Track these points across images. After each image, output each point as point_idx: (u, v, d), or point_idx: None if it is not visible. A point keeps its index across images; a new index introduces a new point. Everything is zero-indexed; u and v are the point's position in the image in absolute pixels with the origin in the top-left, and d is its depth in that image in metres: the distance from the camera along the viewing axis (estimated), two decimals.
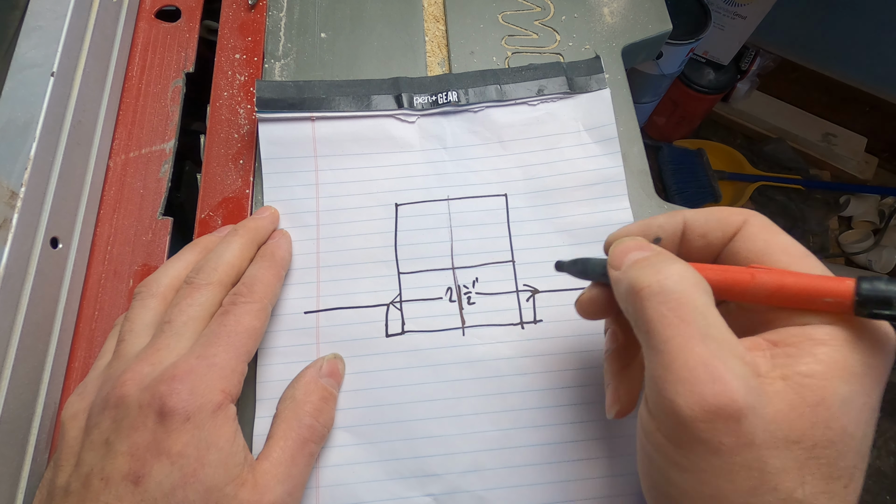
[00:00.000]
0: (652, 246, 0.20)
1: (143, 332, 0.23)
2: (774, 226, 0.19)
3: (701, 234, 0.20)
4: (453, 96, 0.31)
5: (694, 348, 0.16)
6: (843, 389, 0.15)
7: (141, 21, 0.35)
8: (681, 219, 0.20)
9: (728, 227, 0.19)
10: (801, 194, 1.12)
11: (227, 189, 0.30)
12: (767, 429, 0.15)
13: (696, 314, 0.16)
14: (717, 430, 0.15)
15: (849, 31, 0.96)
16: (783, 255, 0.18)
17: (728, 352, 0.16)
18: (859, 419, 0.16)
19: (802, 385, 0.15)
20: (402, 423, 0.26)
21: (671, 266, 0.18)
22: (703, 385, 0.15)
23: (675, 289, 0.17)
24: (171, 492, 0.19)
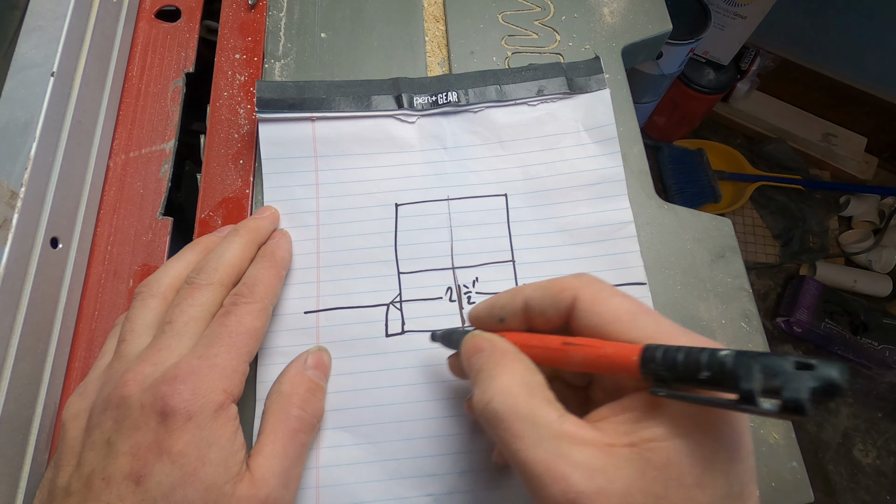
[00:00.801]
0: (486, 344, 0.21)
1: (144, 332, 0.23)
2: (605, 291, 0.20)
3: (539, 312, 0.21)
4: (453, 96, 0.31)
5: (535, 456, 0.17)
6: (685, 445, 0.16)
7: (141, 21, 0.35)
8: (521, 298, 0.21)
9: (561, 304, 0.20)
10: (801, 194, 1.12)
11: (227, 189, 0.30)
12: (625, 501, 0.16)
13: (525, 426, 0.17)
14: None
15: (849, 31, 0.96)
16: (616, 324, 0.18)
17: (565, 444, 0.17)
18: (715, 468, 0.16)
19: (648, 449, 0.16)
20: (402, 423, 0.26)
21: (496, 382, 0.19)
22: (548, 488, 0.16)
23: (501, 408, 0.18)
24: (172, 491, 0.19)
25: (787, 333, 1.04)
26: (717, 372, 0.14)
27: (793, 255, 1.09)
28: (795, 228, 1.10)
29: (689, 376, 0.15)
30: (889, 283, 1.05)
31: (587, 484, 0.16)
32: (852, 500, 0.93)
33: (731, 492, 0.16)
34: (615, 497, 0.16)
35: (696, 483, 0.16)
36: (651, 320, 0.18)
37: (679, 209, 0.31)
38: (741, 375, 0.14)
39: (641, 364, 0.16)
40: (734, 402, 0.14)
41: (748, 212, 1.14)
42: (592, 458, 0.16)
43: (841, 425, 0.98)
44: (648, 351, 0.16)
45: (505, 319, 0.22)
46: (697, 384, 0.15)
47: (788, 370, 0.13)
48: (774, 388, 0.13)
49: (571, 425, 0.17)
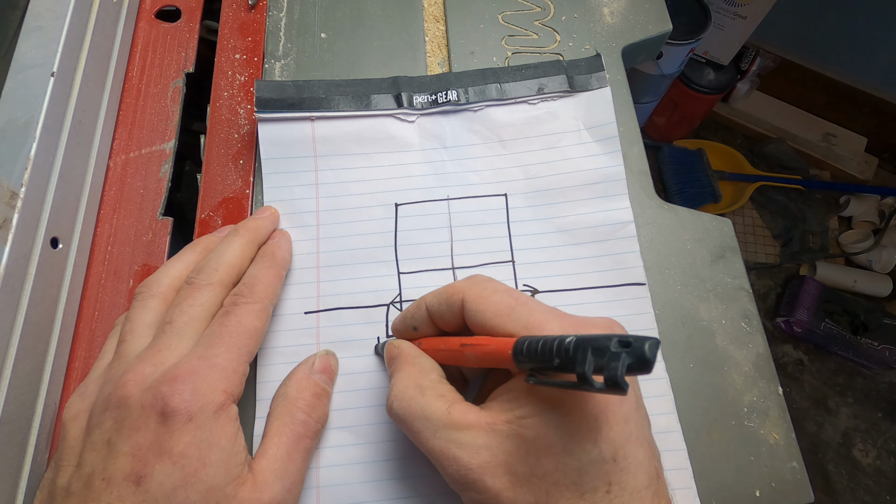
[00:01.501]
0: (395, 351, 0.24)
1: (145, 332, 0.23)
2: (487, 289, 0.22)
3: (439, 316, 0.23)
4: (453, 95, 0.31)
5: (432, 446, 0.20)
6: (551, 418, 0.18)
7: (141, 21, 0.35)
8: (424, 307, 0.24)
9: (453, 306, 0.22)
10: (801, 194, 1.12)
11: (227, 189, 0.30)
12: (508, 472, 0.18)
13: (420, 422, 0.20)
14: (473, 493, 0.19)
15: (849, 31, 0.96)
16: (497, 319, 0.21)
17: (453, 432, 0.19)
18: (580, 435, 0.18)
19: (521, 425, 0.18)
20: None
21: (394, 387, 0.22)
22: (447, 468, 0.19)
23: (399, 411, 0.21)
24: (173, 492, 0.19)
25: (787, 333, 1.04)
26: (564, 358, 0.16)
27: (793, 255, 1.09)
28: (795, 228, 1.10)
29: (545, 364, 0.17)
30: (889, 283, 1.05)
31: (474, 460, 0.19)
32: (852, 500, 0.93)
33: (602, 456, 0.18)
34: (499, 468, 0.18)
35: (564, 450, 0.18)
36: (525, 311, 0.20)
37: (679, 209, 0.31)
38: (577, 359, 0.15)
39: (514, 357, 0.18)
40: (576, 382, 0.16)
41: (748, 212, 1.14)
42: (476, 438, 0.19)
43: (841, 425, 0.98)
44: (518, 344, 0.18)
45: (418, 328, 0.25)
46: (553, 370, 0.17)
47: (612, 350, 0.14)
48: (601, 368, 0.15)
49: (458, 413, 0.20)
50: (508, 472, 0.18)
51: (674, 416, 0.26)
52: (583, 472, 0.18)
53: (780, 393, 0.27)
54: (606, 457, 0.18)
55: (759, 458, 0.26)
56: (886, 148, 1.12)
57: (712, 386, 0.27)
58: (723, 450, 0.26)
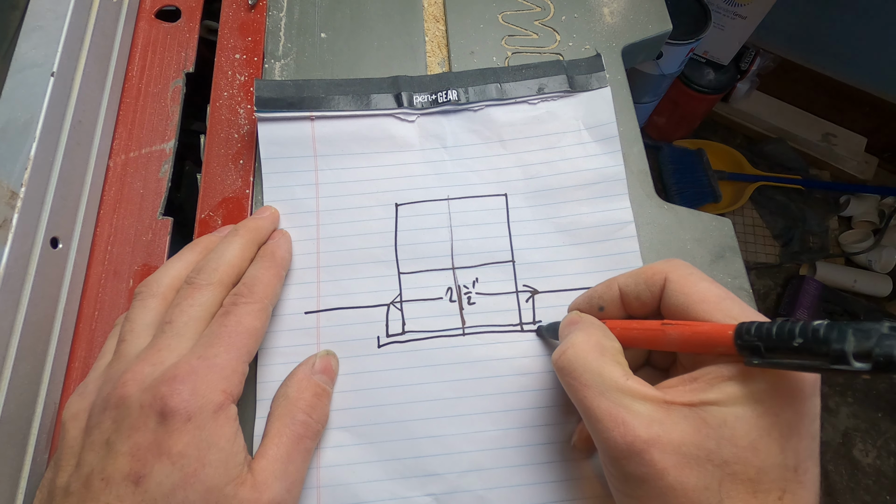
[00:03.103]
0: (577, 318, 0.24)
1: (144, 332, 0.23)
2: (694, 275, 0.21)
3: (635, 296, 0.23)
4: (453, 95, 0.31)
5: (599, 404, 0.19)
6: (743, 411, 0.18)
7: (141, 21, 0.35)
8: (616, 286, 0.24)
9: (654, 286, 0.22)
10: (801, 194, 1.12)
11: (227, 189, 0.30)
12: (678, 451, 0.18)
13: (592, 376, 0.20)
14: (634, 463, 0.18)
15: (849, 31, 0.96)
16: (702, 305, 0.20)
17: (627, 397, 0.19)
18: (770, 437, 0.17)
19: (705, 410, 0.18)
20: (403, 423, 0.26)
21: (572, 339, 0.22)
22: (610, 430, 0.19)
23: (573, 359, 0.21)
24: (172, 492, 0.19)
25: None
26: (811, 339, 0.16)
27: (793, 255, 1.09)
28: (795, 228, 1.10)
29: (782, 345, 0.16)
30: (889, 283, 1.05)
31: (645, 430, 0.18)
32: (852, 500, 0.93)
33: (786, 463, 0.17)
34: (669, 445, 0.18)
35: (749, 446, 0.17)
36: (736, 304, 0.20)
37: (679, 209, 0.31)
38: (834, 338, 0.15)
39: (736, 337, 0.18)
40: (827, 363, 0.15)
41: (748, 212, 1.14)
42: (652, 411, 0.18)
43: (841, 425, 0.98)
44: (743, 326, 0.18)
45: (605, 308, 0.24)
46: (789, 353, 0.16)
47: (882, 332, 0.14)
48: (866, 350, 0.14)
49: (635, 382, 0.19)
50: (678, 453, 0.18)
51: None
52: (763, 472, 0.17)
53: None
54: (789, 465, 0.18)
55: None
56: (886, 148, 1.12)
57: None
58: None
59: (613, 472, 0.20)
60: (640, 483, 0.18)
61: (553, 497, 0.25)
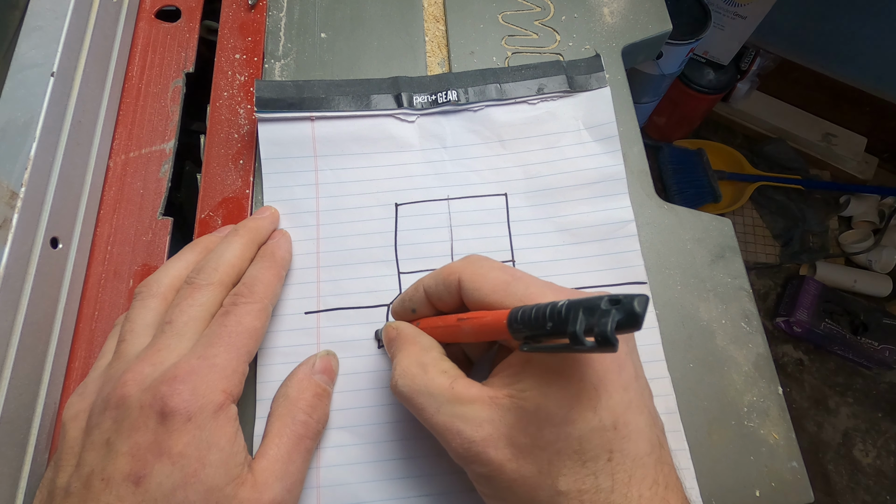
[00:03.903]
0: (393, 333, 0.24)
1: (144, 332, 0.23)
2: (483, 267, 0.22)
3: (437, 297, 0.24)
4: (453, 95, 0.31)
5: (437, 421, 0.20)
6: (550, 389, 0.18)
7: (141, 21, 0.35)
8: (421, 289, 0.24)
9: (451, 286, 0.23)
10: (801, 194, 1.12)
11: (227, 189, 0.30)
12: (510, 444, 0.19)
13: (423, 398, 0.21)
14: (477, 465, 0.19)
15: (849, 31, 0.96)
16: (494, 295, 0.21)
17: (456, 406, 0.20)
18: (581, 404, 0.18)
19: (522, 398, 0.19)
20: (403, 423, 0.26)
21: (397, 367, 0.22)
22: (451, 443, 0.20)
23: (403, 389, 0.22)
24: (172, 492, 0.19)
25: (787, 333, 1.04)
26: (556, 321, 0.16)
27: (793, 255, 1.09)
28: (795, 228, 1.10)
29: (539, 331, 0.17)
30: (889, 283, 1.05)
31: (477, 433, 0.19)
32: (852, 500, 0.93)
33: (603, 424, 0.18)
34: (501, 440, 0.19)
35: (564, 420, 0.18)
36: (522, 285, 0.21)
37: (679, 209, 0.31)
38: (569, 319, 0.15)
39: (508, 325, 0.18)
40: (569, 344, 0.16)
41: (748, 212, 1.14)
42: (479, 412, 0.19)
43: (841, 425, 0.98)
44: (512, 314, 0.18)
45: (416, 310, 0.25)
46: (547, 336, 0.17)
47: (602, 308, 0.15)
48: (591, 328, 0.15)
49: (461, 387, 0.20)
50: (510, 444, 0.18)
51: (676, 415, 0.26)
52: (584, 441, 0.18)
53: (779, 393, 0.27)
54: (607, 424, 0.18)
55: (758, 457, 0.26)
56: (886, 148, 1.12)
57: (712, 386, 0.27)
58: (723, 450, 0.26)
59: (470, 477, 0.21)
60: (490, 481, 0.19)
61: None
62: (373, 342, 0.27)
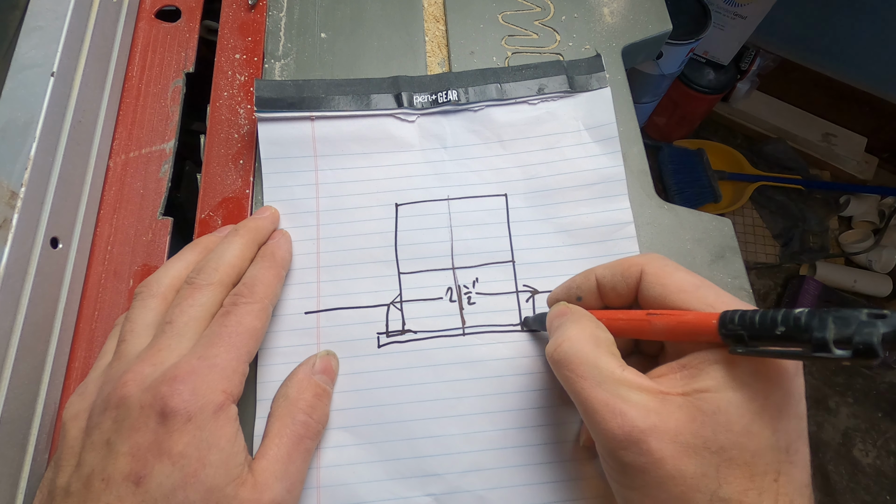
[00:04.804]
0: (565, 310, 0.24)
1: (144, 332, 0.23)
2: (669, 266, 0.22)
3: (611, 287, 0.23)
4: (453, 95, 0.31)
5: (596, 395, 0.19)
6: (734, 396, 0.18)
7: (141, 21, 0.35)
8: (593, 277, 0.24)
9: (630, 278, 0.22)
10: (801, 194, 1.12)
11: (227, 189, 0.30)
12: (675, 440, 0.18)
13: (588, 368, 0.20)
14: (632, 453, 0.18)
15: (849, 31, 0.95)
16: (680, 294, 0.21)
17: (623, 388, 0.19)
18: (762, 420, 0.18)
19: (699, 398, 0.18)
20: (403, 423, 0.26)
21: (566, 332, 0.22)
22: (608, 421, 0.19)
23: (569, 353, 0.21)
24: (172, 492, 0.19)
25: None
26: (792, 327, 0.16)
27: (793, 255, 1.09)
28: (795, 228, 1.10)
29: (765, 334, 0.17)
30: (889, 283, 1.05)
31: (643, 420, 0.18)
32: (852, 500, 0.93)
33: (778, 445, 0.18)
34: (666, 434, 0.18)
35: (744, 431, 0.18)
36: (711, 292, 0.20)
37: (679, 209, 0.31)
38: (815, 326, 0.15)
39: (720, 326, 0.18)
40: (809, 351, 0.15)
41: (748, 212, 1.14)
42: (648, 401, 0.19)
43: (841, 425, 0.98)
44: (726, 315, 0.18)
45: (582, 297, 0.24)
46: (772, 341, 0.17)
47: (861, 319, 0.15)
48: (846, 337, 0.15)
49: (630, 374, 0.20)
50: (675, 441, 0.18)
51: None
52: (757, 455, 0.18)
53: None
54: (781, 446, 0.18)
55: None
56: (886, 148, 1.12)
57: None
58: None
59: (611, 464, 0.20)
60: (639, 473, 0.18)
61: (553, 497, 0.25)
62: (373, 342, 0.27)
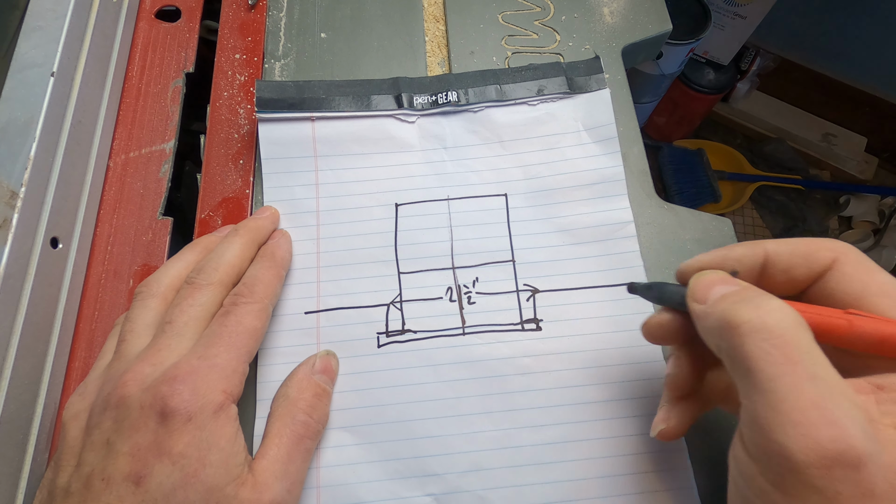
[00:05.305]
0: (738, 281, 0.19)
1: (144, 332, 0.23)
2: (869, 263, 0.18)
3: (784, 269, 0.19)
4: (453, 96, 0.31)
5: (804, 389, 0.15)
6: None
7: (141, 21, 0.35)
8: (762, 251, 0.20)
9: (815, 264, 0.18)
10: (801, 194, 1.12)
11: (227, 189, 0.30)
12: (887, 478, 0.14)
13: (803, 353, 0.15)
14: (834, 479, 0.14)
15: (849, 31, 0.95)
16: (882, 298, 0.17)
17: (840, 395, 0.15)
18: None
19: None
20: (403, 423, 0.26)
21: (770, 302, 0.17)
22: (817, 429, 0.14)
23: (779, 325, 0.16)
24: (172, 492, 0.19)
25: None
26: None
27: None
28: (795, 228, 1.10)
29: None
30: None
31: (863, 442, 0.14)
32: None
33: None
34: (881, 470, 0.14)
35: None
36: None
37: (679, 209, 0.31)
38: None
39: None
40: None
41: (748, 212, 1.14)
42: (865, 423, 0.15)
43: None
44: None
45: (738, 273, 0.20)
46: None
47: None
48: None
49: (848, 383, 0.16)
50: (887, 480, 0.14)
51: None
52: None
53: None
54: None
55: None
56: (886, 148, 1.11)
57: None
58: (722, 449, 0.26)
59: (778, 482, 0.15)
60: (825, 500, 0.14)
61: (553, 497, 0.25)
62: (373, 342, 0.27)
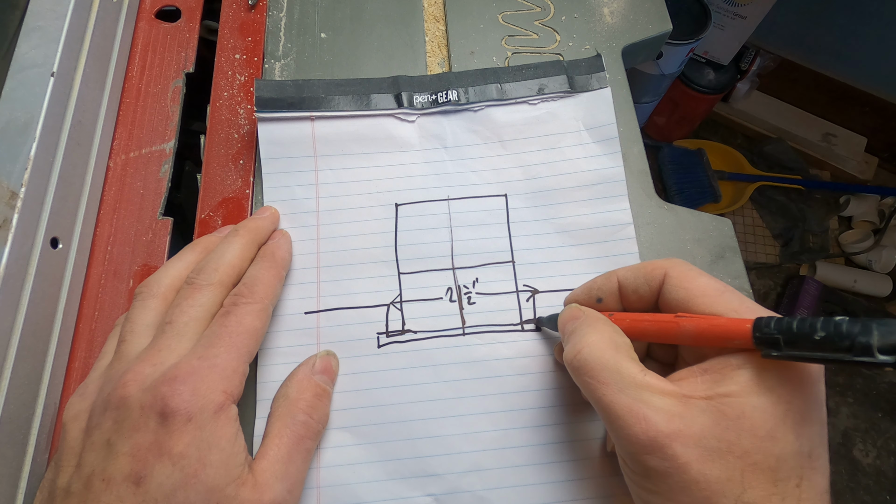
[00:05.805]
0: (580, 313, 0.23)
1: (144, 332, 0.23)
2: (693, 270, 0.22)
3: (633, 290, 0.23)
4: (453, 95, 0.31)
5: (618, 401, 0.19)
6: (759, 401, 0.18)
7: (141, 21, 0.35)
8: (615, 279, 0.24)
9: (653, 281, 0.22)
10: (801, 194, 1.12)
11: (227, 189, 0.30)
12: (699, 444, 0.18)
13: (610, 374, 0.20)
14: (656, 458, 0.18)
15: (849, 31, 0.96)
16: (703, 298, 0.21)
17: (646, 392, 0.19)
18: (786, 425, 0.18)
19: (723, 402, 0.18)
20: (403, 424, 0.26)
21: (585, 337, 0.21)
22: (632, 426, 0.19)
23: (589, 358, 0.21)
24: (173, 492, 0.19)
25: None
26: (833, 333, 0.16)
27: (793, 255, 1.09)
28: (795, 228, 1.10)
29: (803, 339, 0.17)
30: (889, 283, 1.05)
31: (666, 425, 0.18)
32: (852, 500, 0.93)
33: (801, 450, 0.18)
34: (691, 439, 0.18)
35: (768, 435, 0.18)
36: (735, 296, 0.20)
37: (679, 209, 0.31)
38: (858, 332, 0.16)
39: (755, 330, 0.18)
40: (850, 356, 0.16)
41: (748, 212, 1.14)
42: (671, 405, 0.19)
43: (841, 425, 0.98)
44: (761, 320, 0.18)
45: (603, 300, 0.24)
46: (810, 346, 0.17)
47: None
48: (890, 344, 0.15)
49: (652, 378, 0.20)
50: (700, 446, 0.18)
51: None
52: (781, 461, 0.18)
53: None
54: (804, 451, 0.18)
55: None
56: (886, 148, 1.12)
57: None
58: None
59: (634, 469, 0.19)
60: (663, 478, 0.18)
61: (553, 498, 0.25)
62: (373, 342, 0.27)
